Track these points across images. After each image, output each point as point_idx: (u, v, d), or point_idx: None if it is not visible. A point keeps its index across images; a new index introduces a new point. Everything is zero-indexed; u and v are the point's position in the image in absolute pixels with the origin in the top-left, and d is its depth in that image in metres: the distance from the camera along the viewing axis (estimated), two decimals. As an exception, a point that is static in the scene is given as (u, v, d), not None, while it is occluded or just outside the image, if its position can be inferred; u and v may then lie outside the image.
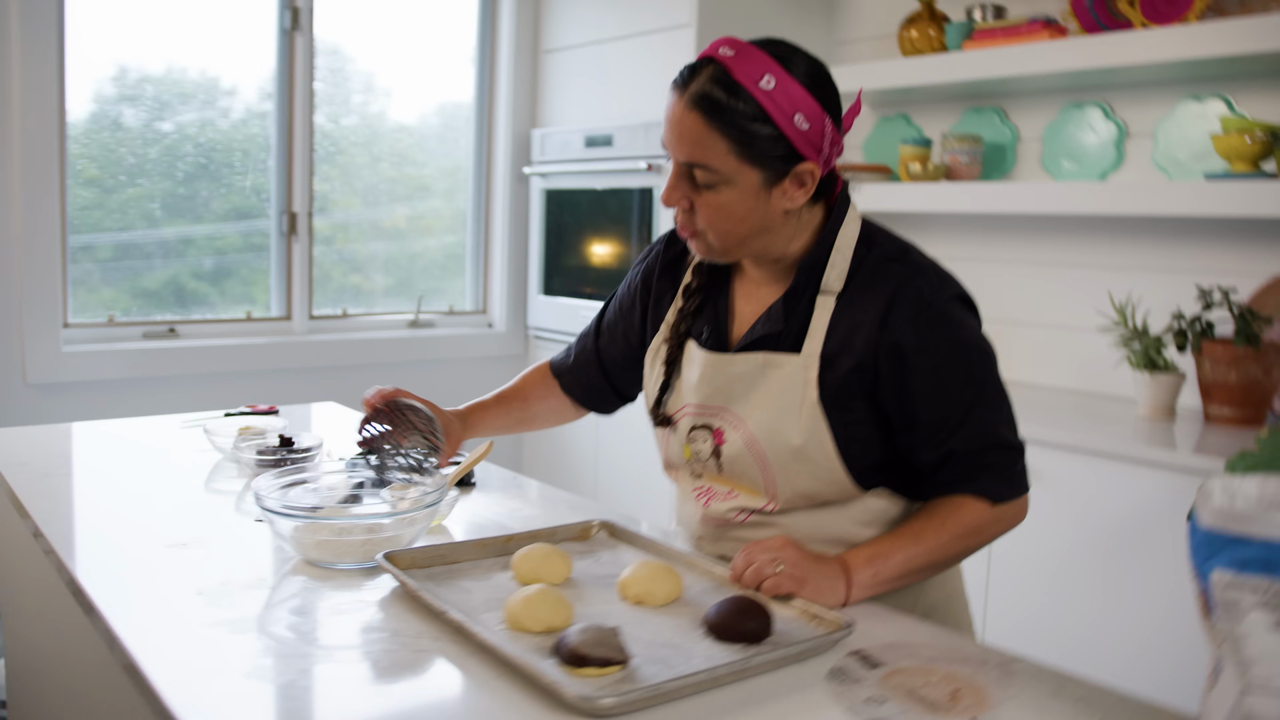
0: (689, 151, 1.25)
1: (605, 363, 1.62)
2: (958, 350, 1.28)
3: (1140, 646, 2.29)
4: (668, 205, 1.30)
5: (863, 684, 1.05)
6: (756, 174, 1.25)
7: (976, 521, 1.30)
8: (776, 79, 1.22)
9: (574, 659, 1.01)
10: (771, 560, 1.22)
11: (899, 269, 1.29)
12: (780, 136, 1.23)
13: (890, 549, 1.28)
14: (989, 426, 1.30)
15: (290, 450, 1.78)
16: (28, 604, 1.86)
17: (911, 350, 1.26)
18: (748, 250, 1.33)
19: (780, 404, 1.31)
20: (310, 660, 1.06)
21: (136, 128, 3.29)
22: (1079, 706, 1.03)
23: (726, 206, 1.27)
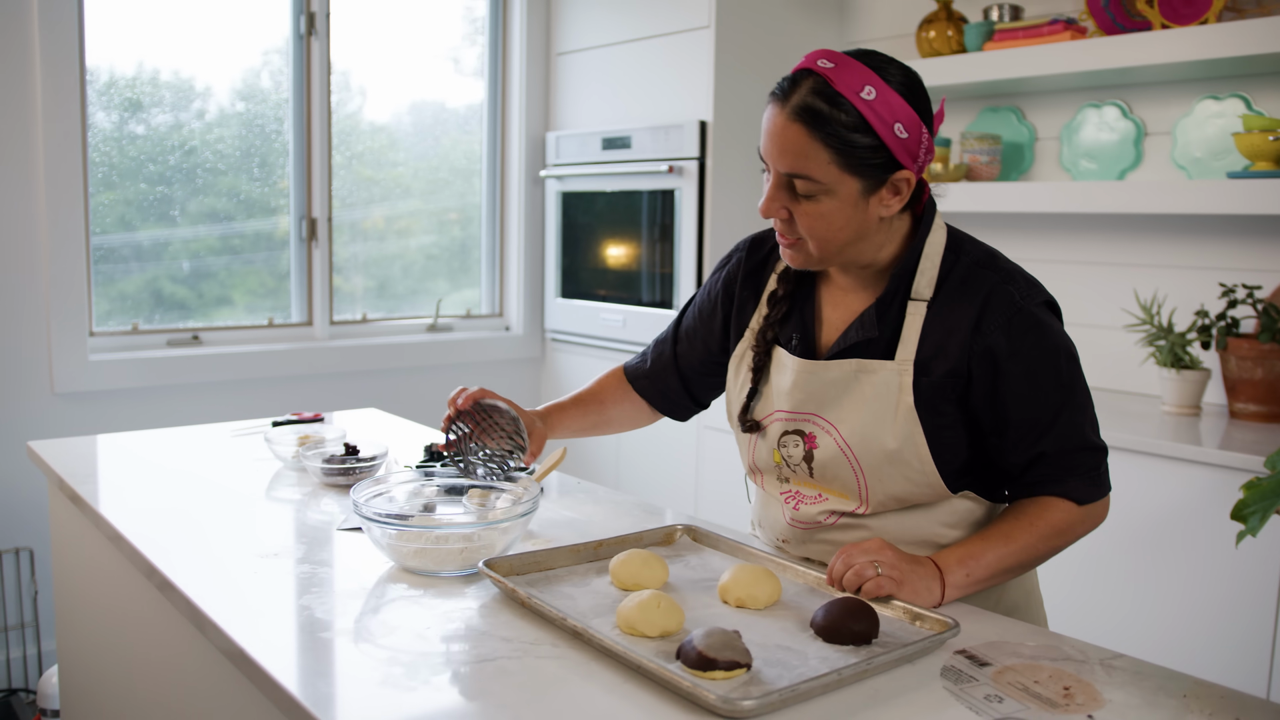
0: (791, 163, 1.27)
1: (683, 369, 1.64)
2: (1048, 354, 1.31)
3: (1168, 638, 2.34)
4: (766, 216, 1.33)
5: (978, 682, 1.08)
6: (856, 183, 1.28)
7: (1064, 522, 1.34)
8: (877, 90, 1.25)
9: (701, 662, 1.04)
10: (870, 563, 1.26)
11: (989, 275, 1.33)
12: (881, 146, 1.26)
13: (982, 550, 1.31)
14: (1076, 428, 1.33)
15: (358, 459, 1.79)
16: (86, 612, 1.87)
17: (1004, 355, 1.30)
18: (843, 258, 1.36)
19: (875, 409, 1.34)
20: (440, 669, 1.08)
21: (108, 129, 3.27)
22: (1187, 702, 1.06)
23: (826, 215, 1.29)
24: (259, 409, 3.34)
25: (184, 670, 1.42)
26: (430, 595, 1.29)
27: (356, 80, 3.77)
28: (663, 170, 3.39)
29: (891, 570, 1.25)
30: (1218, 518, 2.26)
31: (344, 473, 1.77)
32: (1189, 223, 2.85)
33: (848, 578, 1.26)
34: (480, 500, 1.53)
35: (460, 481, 1.55)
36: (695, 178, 3.33)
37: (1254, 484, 1.88)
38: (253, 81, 3.52)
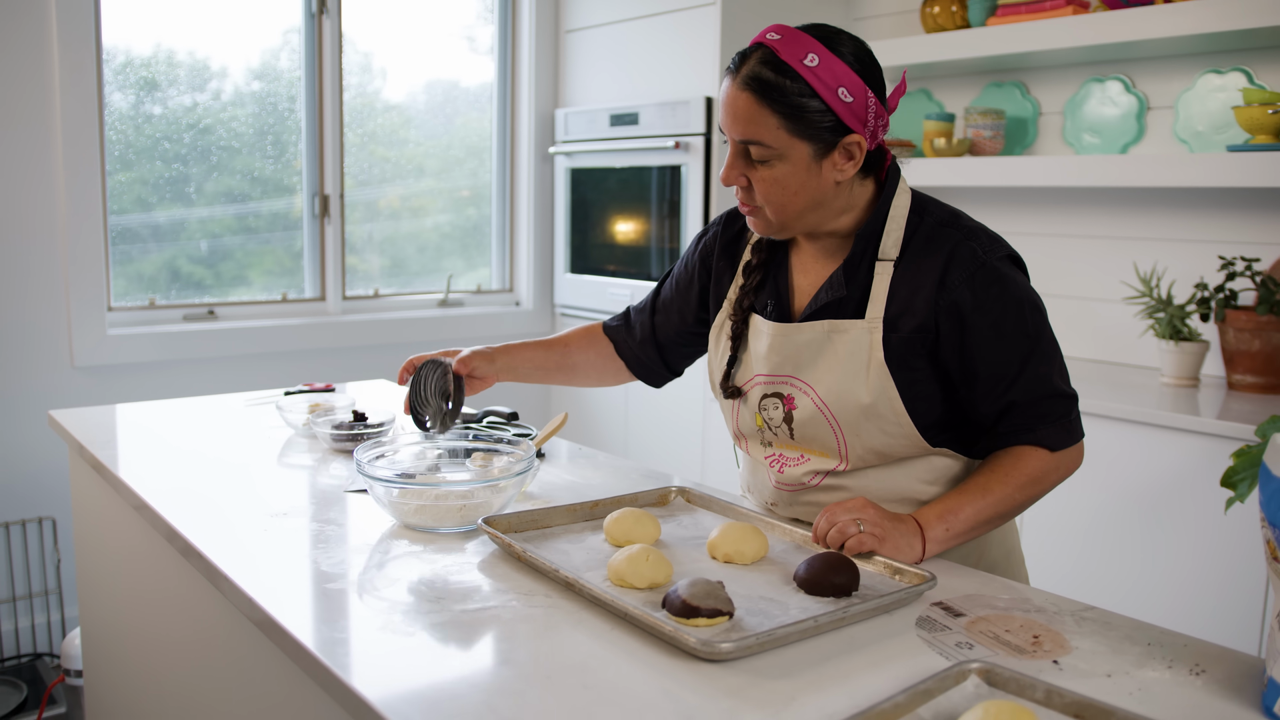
0: (743, 129, 1.34)
1: (660, 339, 1.70)
2: (1012, 306, 1.37)
3: (1168, 603, 2.39)
4: (726, 184, 1.40)
5: (951, 631, 1.13)
6: (807, 147, 1.34)
7: (1038, 470, 1.40)
8: (820, 57, 1.31)
9: (685, 610, 1.09)
10: (853, 520, 1.31)
11: (952, 233, 1.39)
12: (827, 109, 1.32)
13: (959, 504, 1.36)
14: (1044, 378, 1.38)
15: (366, 425, 1.85)
16: (107, 576, 1.94)
17: (969, 309, 1.35)
18: (803, 224, 1.42)
19: (848, 367, 1.39)
20: (438, 616, 1.14)
21: (125, 109, 3.32)
22: (1150, 650, 1.11)
23: (781, 180, 1.36)
24: (273, 382, 3.41)
25: (200, 625, 1.48)
26: (431, 550, 1.35)
27: (378, 62, 3.82)
28: (669, 146, 3.43)
29: (873, 528, 1.30)
30: (1215, 486, 2.30)
31: (352, 439, 1.83)
32: (1190, 196, 2.87)
33: (831, 535, 1.31)
34: (484, 462, 1.59)
35: (462, 444, 1.61)
36: (701, 153, 3.37)
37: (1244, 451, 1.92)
38: (270, 61, 3.57)
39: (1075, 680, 1.02)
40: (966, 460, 1.46)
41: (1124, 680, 1.03)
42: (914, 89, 3.50)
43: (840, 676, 1.02)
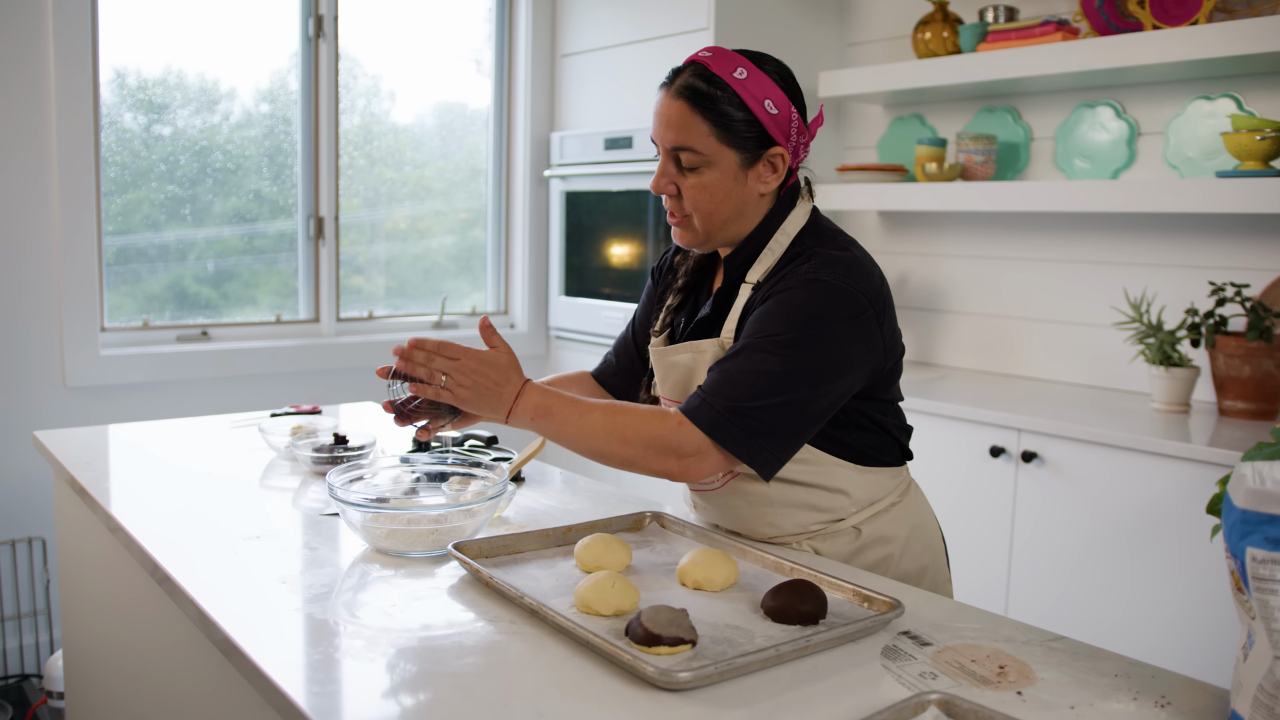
0: (675, 136, 1.42)
1: (641, 360, 1.74)
2: (784, 310, 1.37)
3: (1157, 631, 2.37)
4: (657, 191, 1.46)
5: (916, 660, 1.13)
6: (735, 156, 1.42)
7: (645, 433, 1.35)
8: (748, 71, 1.41)
9: (647, 638, 1.09)
10: (441, 369, 1.37)
11: (807, 268, 1.40)
12: (754, 120, 1.41)
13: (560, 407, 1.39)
14: (749, 375, 1.34)
15: (346, 448, 1.85)
16: (89, 598, 1.94)
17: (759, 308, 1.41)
18: (726, 234, 1.48)
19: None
20: (400, 641, 1.13)
21: (134, 130, 3.35)
22: (1118, 681, 1.10)
23: (709, 186, 1.43)
24: (266, 403, 3.41)
25: (177, 649, 1.48)
26: (401, 575, 1.35)
27: (387, 84, 3.85)
28: (663, 170, 3.43)
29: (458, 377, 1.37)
30: (1205, 514, 2.28)
31: (332, 461, 1.83)
32: (1180, 221, 2.87)
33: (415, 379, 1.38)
34: (460, 486, 1.59)
35: (440, 469, 1.61)
36: (694, 177, 3.38)
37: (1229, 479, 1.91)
38: (279, 83, 3.59)
39: (1038, 712, 1.01)
40: (861, 467, 1.50)
41: (1087, 712, 1.02)
42: (906, 114, 3.51)
43: (798, 706, 1.01)
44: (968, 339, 3.39)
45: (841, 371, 1.37)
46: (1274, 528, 0.92)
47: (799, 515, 1.50)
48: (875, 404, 1.50)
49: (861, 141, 3.67)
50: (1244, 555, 0.94)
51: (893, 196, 3.20)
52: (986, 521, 2.69)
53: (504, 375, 1.39)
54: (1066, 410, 2.68)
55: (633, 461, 1.36)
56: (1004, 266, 3.28)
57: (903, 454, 1.58)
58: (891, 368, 1.49)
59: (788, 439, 1.36)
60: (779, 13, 3.47)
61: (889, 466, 1.55)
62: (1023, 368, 3.24)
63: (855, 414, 1.48)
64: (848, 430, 1.48)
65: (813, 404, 1.36)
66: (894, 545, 1.54)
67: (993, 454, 2.65)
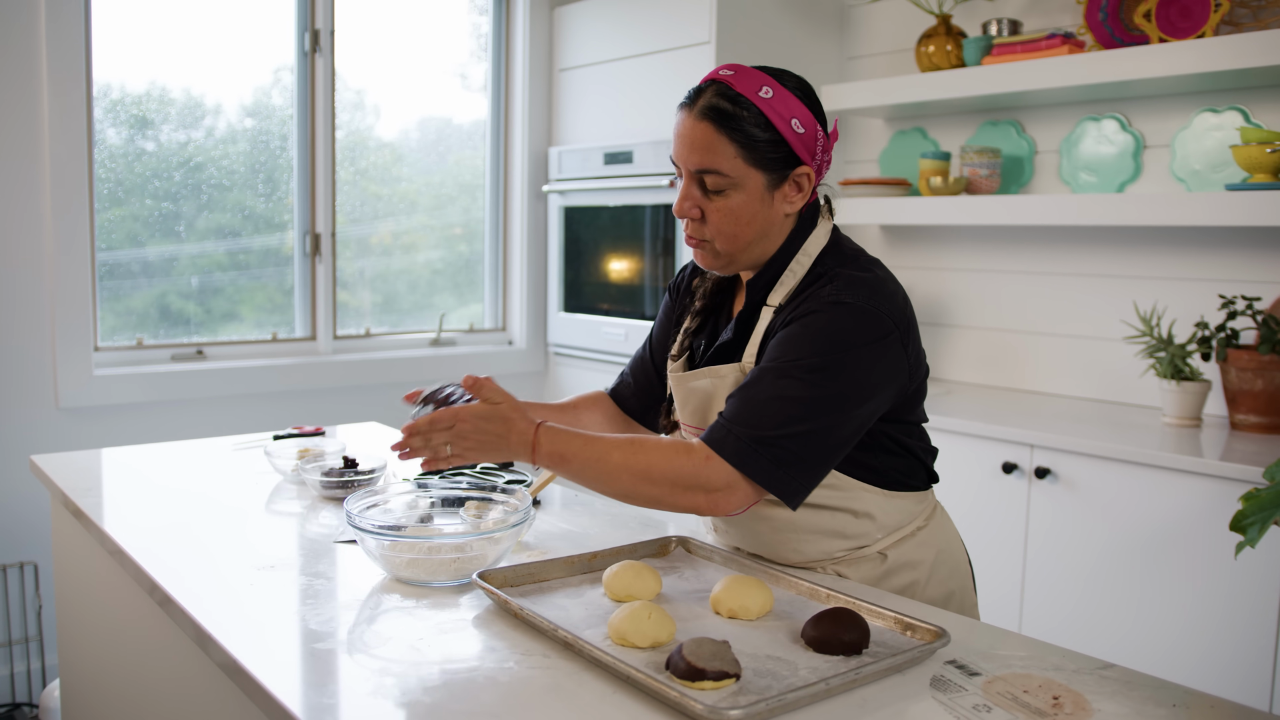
0: (700, 159, 1.37)
1: (660, 380, 1.70)
2: (806, 334, 1.33)
3: (1172, 646, 2.34)
4: (680, 215, 1.42)
5: (967, 692, 1.09)
6: (762, 177, 1.38)
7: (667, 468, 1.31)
8: (774, 90, 1.37)
9: (690, 673, 1.05)
10: (444, 444, 1.34)
11: (826, 279, 1.38)
12: (781, 140, 1.37)
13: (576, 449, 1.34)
14: (772, 400, 1.30)
15: (356, 472, 1.80)
16: (87, 626, 1.88)
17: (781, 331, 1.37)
18: (749, 257, 1.44)
19: None
20: (431, 679, 1.09)
21: (118, 145, 3.30)
22: (1175, 712, 1.06)
23: (735, 210, 1.38)
24: (263, 423, 3.36)
25: (183, 682, 1.42)
26: (424, 606, 1.30)
27: (371, 99, 3.80)
28: (663, 185, 3.41)
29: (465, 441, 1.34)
30: (1219, 529, 2.26)
31: (342, 485, 1.79)
32: (1188, 235, 2.86)
33: (425, 462, 1.36)
34: (477, 511, 1.54)
35: (456, 493, 1.56)
36: (696, 192, 3.35)
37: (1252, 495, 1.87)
38: (263, 99, 3.54)
39: (1100, 746, 0.98)
40: (888, 492, 1.46)
41: (1151, 746, 0.99)
42: (909, 128, 3.49)
43: (854, 744, 0.97)
44: (973, 353, 3.37)
45: (867, 395, 1.34)
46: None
47: (824, 542, 1.46)
48: (901, 426, 1.46)
49: (863, 155, 3.65)
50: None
51: (896, 210, 3.18)
52: (1000, 538, 2.66)
53: (506, 425, 1.34)
54: (1078, 425, 2.65)
55: (660, 500, 1.31)
56: (1009, 280, 3.26)
57: (929, 477, 1.54)
58: (916, 389, 1.46)
59: (816, 467, 1.33)
60: (780, 26, 3.45)
61: (915, 491, 1.51)
62: (1030, 382, 3.22)
63: (881, 437, 1.44)
64: (874, 454, 1.45)
65: (839, 430, 1.33)
66: (920, 571, 1.50)
67: (1005, 470, 2.62)
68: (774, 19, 3.43)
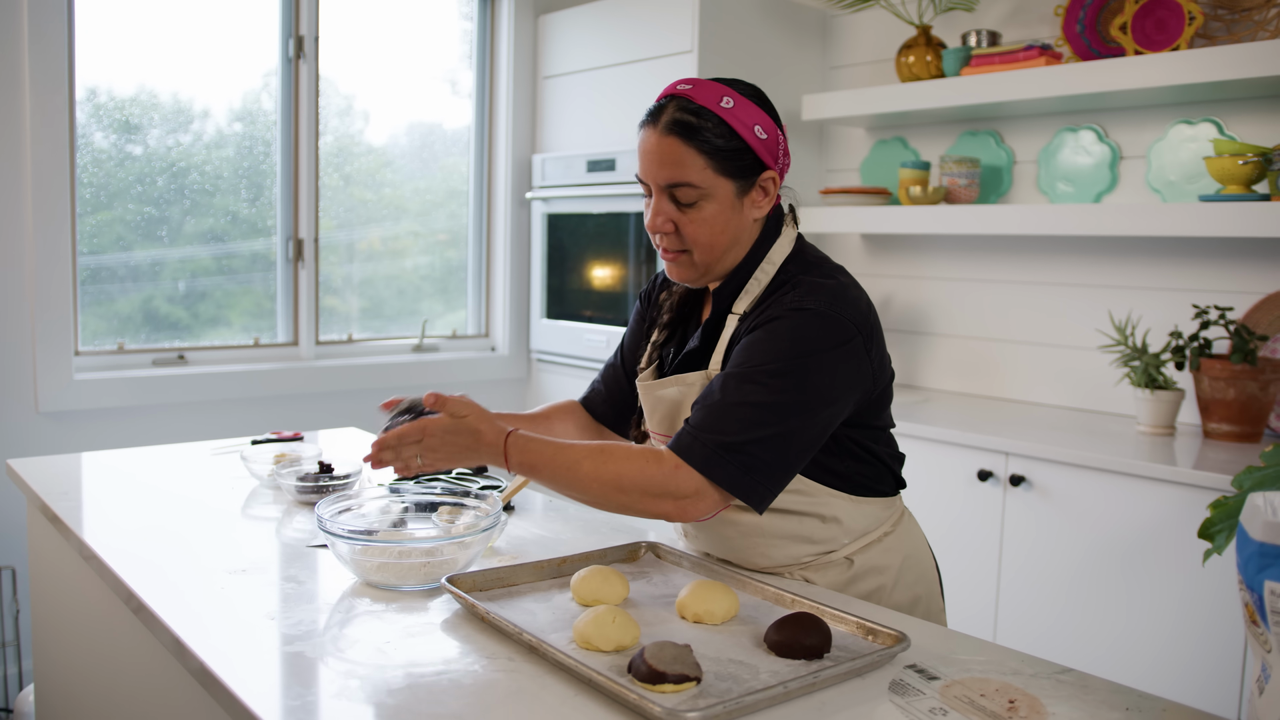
0: (671, 174, 1.39)
1: (630, 388, 1.71)
2: (769, 341, 1.36)
3: (1147, 654, 2.36)
4: (654, 231, 1.44)
5: (925, 695, 1.10)
6: (731, 185, 1.40)
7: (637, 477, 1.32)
8: (734, 99, 1.40)
9: (651, 676, 1.06)
10: (413, 455, 1.37)
11: (792, 296, 1.39)
12: (746, 148, 1.40)
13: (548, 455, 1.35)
14: (737, 406, 1.32)
15: (331, 477, 1.81)
16: (63, 631, 1.88)
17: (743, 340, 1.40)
18: (722, 266, 1.46)
19: None
20: (396, 681, 1.10)
21: (105, 150, 3.30)
22: (1129, 715, 1.08)
23: (709, 220, 1.40)
24: (244, 428, 3.36)
25: (157, 687, 1.43)
26: (393, 610, 1.31)
27: (360, 104, 3.81)
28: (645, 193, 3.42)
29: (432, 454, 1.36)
30: (1192, 537, 2.28)
31: (317, 490, 1.79)
32: (1163, 245, 2.89)
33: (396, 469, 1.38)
34: (450, 516, 1.55)
35: (429, 498, 1.57)
36: (678, 200, 3.37)
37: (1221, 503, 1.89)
38: (252, 103, 3.55)
39: (1052, 749, 0.99)
40: (854, 497, 1.47)
41: (1102, 749, 1.00)
42: (890, 137, 3.52)
43: (810, 746, 0.98)
44: (951, 362, 3.39)
45: (830, 400, 1.36)
46: (1293, 561, 0.91)
47: (792, 547, 1.48)
48: (867, 431, 1.48)
49: (844, 164, 3.67)
50: (1262, 589, 0.92)
51: (876, 219, 3.20)
52: (975, 545, 2.68)
53: (474, 436, 1.36)
54: (1053, 433, 2.67)
55: (629, 507, 1.33)
56: (987, 289, 3.28)
57: (896, 483, 1.56)
58: (881, 393, 1.47)
59: (781, 472, 1.34)
60: (762, 36, 3.47)
61: (883, 496, 1.53)
62: (1007, 390, 3.24)
63: (848, 442, 1.46)
64: (841, 459, 1.47)
65: (804, 434, 1.34)
66: (887, 576, 1.52)
67: (980, 478, 2.64)
68: (756, 29, 3.45)
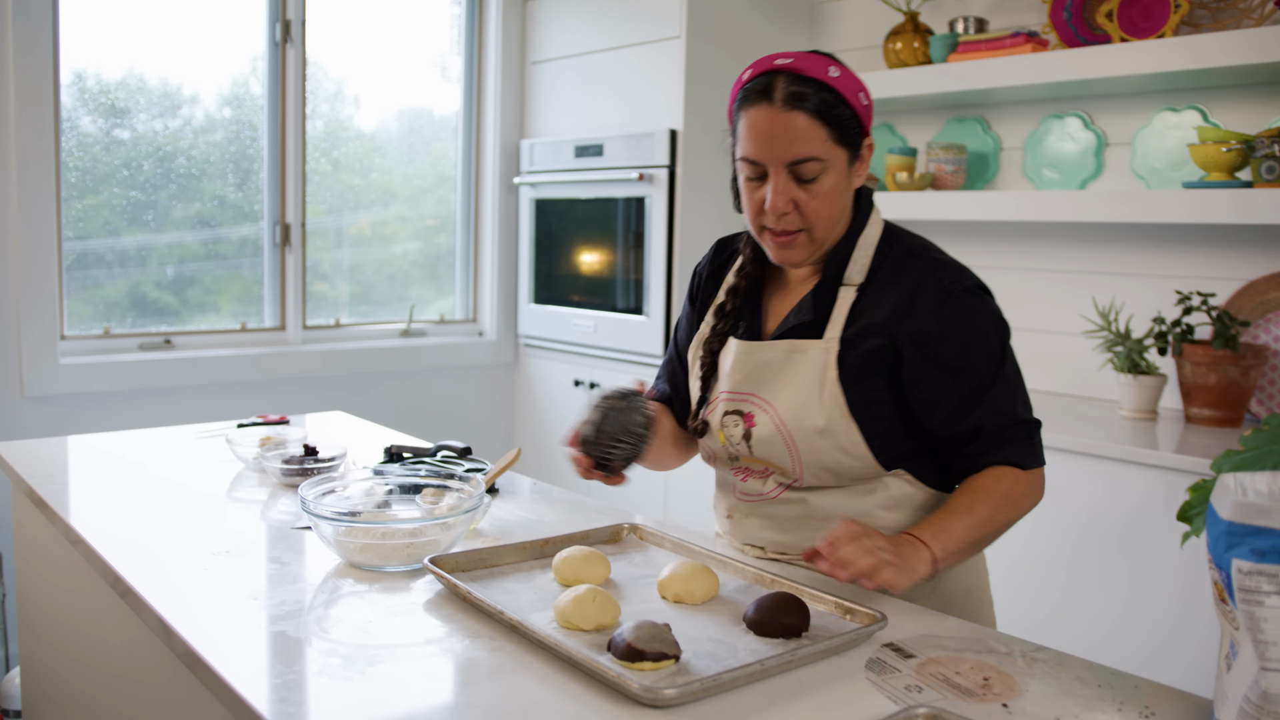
0: (799, 148, 1.34)
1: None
2: (977, 336, 1.38)
3: (1128, 636, 2.38)
4: (778, 211, 1.37)
5: (900, 673, 1.12)
6: (845, 154, 1.39)
7: (1015, 491, 1.39)
8: (837, 68, 1.38)
9: (630, 654, 1.07)
10: (869, 551, 1.23)
11: (918, 263, 1.40)
12: (855, 115, 1.38)
13: (949, 524, 1.34)
14: (1008, 403, 1.40)
15: (316, 459, 1.82)
16: (49, 615, 1.89)
17: (934, 338, 1.37)
18: (832, 241, 1.43)
19: (804, 385, 1.40)
20: (377, 660, 1.11)
21: (95, 134, 3.29)
22: (1101, 692, 1.10)
23: (830, 193, 1.38)
24: (231, 413, 3.36)
25: (142, 668, 1.44)
26: (376, 590, 1.32)
27: (351, 89, 3.80)
28: (633, 178, 3.43)
29: (889, 555, 1.24)
30: (1172, 520, 2.30)
31: (302, 473, 1.80)
32: (1147, 231, 2.90)
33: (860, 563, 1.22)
34: (434, 498, 1.56)
35: (414, 480, 1.58)
36: (665, 185, 3.37)
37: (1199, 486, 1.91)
38: (242, 88, 3.54)
39: (1024, 725, 1.01)
40: (927, 489, 1.45)
41: (1073, 724, 1.02)
42: (876, 123, 3.52)
43: (786, 722, 1.00)
44: (937, 347, 3.40)
45: None
46: (1260, 539, 0.92)
47: None
48: None
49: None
50: (1229, 567, 0.94)
51: (863, 205, 3.20)
52: (958, 530, 2.69)
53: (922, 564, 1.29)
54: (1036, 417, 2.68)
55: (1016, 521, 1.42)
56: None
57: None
58: None
59: None
60: (750, 22, 3.47)
61: (942, 490, 1.48)
62: (992, 376, 3.26)
63: None
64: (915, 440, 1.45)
65: None
66: None
67: (964, 462, 2.66)
68: (744, 14, 3.45)
